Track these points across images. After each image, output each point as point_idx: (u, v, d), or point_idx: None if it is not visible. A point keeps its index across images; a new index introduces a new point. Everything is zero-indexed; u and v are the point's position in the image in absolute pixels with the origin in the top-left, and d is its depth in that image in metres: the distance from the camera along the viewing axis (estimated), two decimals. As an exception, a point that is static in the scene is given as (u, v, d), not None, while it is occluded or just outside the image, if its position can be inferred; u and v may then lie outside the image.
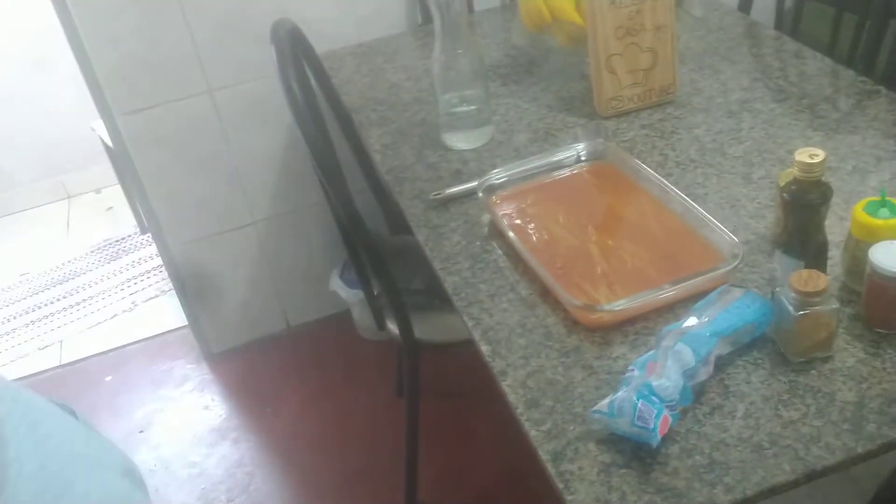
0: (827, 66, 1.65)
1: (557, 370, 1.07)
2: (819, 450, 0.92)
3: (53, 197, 3.52)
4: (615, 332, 1.11)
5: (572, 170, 1.44)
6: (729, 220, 1.27)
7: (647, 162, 1.40)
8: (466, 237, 1.33)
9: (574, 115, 1.62)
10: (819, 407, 0.97)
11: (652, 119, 1.57)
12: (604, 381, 1.04)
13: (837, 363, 1.02)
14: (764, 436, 0.94)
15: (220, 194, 2.26)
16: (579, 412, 1.00)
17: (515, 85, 1.75)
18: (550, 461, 0.95)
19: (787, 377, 1.01)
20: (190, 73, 2.06)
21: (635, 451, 0.94)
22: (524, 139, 1.56)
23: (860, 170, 1.34)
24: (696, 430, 0.96)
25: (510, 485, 2.00)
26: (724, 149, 1.45)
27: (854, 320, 1.07)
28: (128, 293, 2.89)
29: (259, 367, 2.49)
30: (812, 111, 1.51)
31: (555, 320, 1.15)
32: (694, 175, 1.39)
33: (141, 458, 2.26)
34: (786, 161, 1.38)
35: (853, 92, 1.56)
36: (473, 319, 1.18)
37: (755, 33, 1.83)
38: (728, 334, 1.02)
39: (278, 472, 2.17)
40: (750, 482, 0.90)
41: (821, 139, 1.43)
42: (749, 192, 1.33)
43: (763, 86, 1.62)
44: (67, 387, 2.56)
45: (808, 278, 0.99)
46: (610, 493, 0.91)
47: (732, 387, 1.01)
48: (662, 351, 0.98)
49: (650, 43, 1.55)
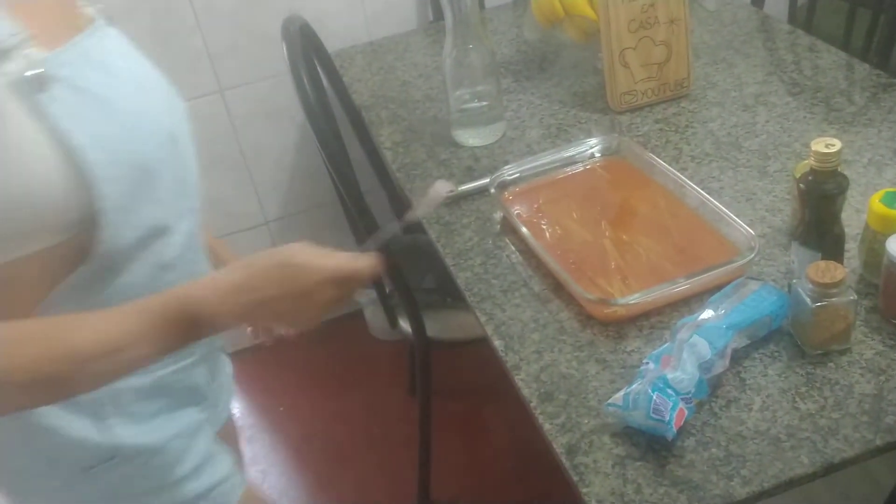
0: (841, 60, 1.64)
1: (571, 364, 1.06)
2: (837, 442, 0.91)
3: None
4: (630, 326, 1.10)
5: (585, 165, 1.43)
6: (745, 213, 1.26)
7: (661, 156, 1.39)
8: (479, 233, 1.33)
9: (587, 110, 1.61)
10: (837, 399, 0.96)
11: (666, 113, 1.56)
12: (618, 374, 1.03)
13: (855, 355, 1.01)
14: (781, 428, 0.93)
15: (232, 195, 2.26)
16: (594, 405, 0.99)
17: (527, 81, 1.75)
18: (565, 454, 0.94)
19: (804, 369, 1.00)
20: (201, 73, 2.06)
21: (650, 443, 0.93)
22: (536, 135, 1.56)
23: (876, 162, 1.33)
24: (712, 422, 0.95)
25: (523, 482, 1.99)
26: (739, 142, 1.43)
27: (872, 312, 1.06)
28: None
29: (272, 366, 2.48)
30: (827, 104, 1.50)
31: (568, 315, 1.14)
32: (709, 169, 1.38)
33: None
34: (801, 154, 1.37)
35: (868, 85, 1.55)
36: (486, 315, 1.17)
37: (769, 27, 1.82)
38: (744, 327, 1.01)
39: (291, 470, 2.16)
40: (767, 475, 0.88)
41: (836, 132, 1.42)
42: (765, 185, 1.32)
43: (778, 79, 1.60)
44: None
45: (825, 269, 0.97)
46: (625, 485, 0.90)
47: (749, 380, 1.00)
48: (678, 344, 0.97)
49: (664, 36, 1.54)
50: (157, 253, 0.89)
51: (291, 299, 0.82)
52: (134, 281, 0.87)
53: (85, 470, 0.92)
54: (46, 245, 0.79)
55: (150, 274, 0.88)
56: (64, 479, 0.92)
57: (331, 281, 0.83)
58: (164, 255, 0.90)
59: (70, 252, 0.81)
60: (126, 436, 0.92)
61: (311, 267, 0.83)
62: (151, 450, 0.95)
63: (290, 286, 0.82)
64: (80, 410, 0.89)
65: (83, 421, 0.89)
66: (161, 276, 0.90)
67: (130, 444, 0.93)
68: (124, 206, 0.82)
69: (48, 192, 0.76)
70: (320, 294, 0.83)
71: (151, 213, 0.87)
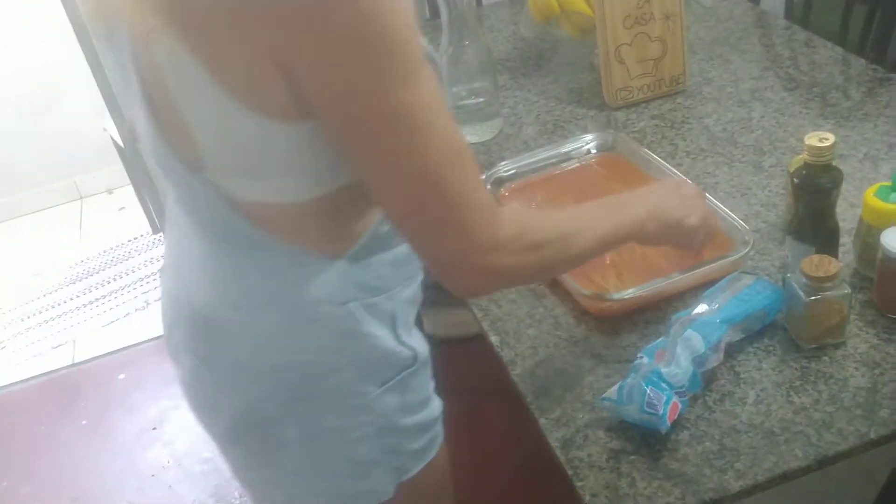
0: (838, 55, 1.64)
1: (566, 359, 1.06)
2: (831, 435, 0.91)
3: (66, 198, 3.54)
4: (624, 321, 1.10)
5: (582, 161, 1.43)
6: (739, 208, 1.26)
7: (657, 152, 1.39)
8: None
9: (583, 106, 1.61)
10: (831, 393, 0.96)
11: (662, 109, 1.56)
12: (613, 369, 1.03)
13: (850, 349, 1.01)
14: (775, 422, 0.93)
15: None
16: (588, 400, 1.00)
17: (524, 77, 1.75)
18: (560, 448, 0.95)
19: (798, 363, 1.00)
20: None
21: (645, 437, 0.94)
22: (533, 131, 1.56)
23: (871, 157, 1.33)
24: (706, 416, 0.95)
25: (527, 481, 1.99)
26: (734, 138, 1.44)
27: (867, 306, 1.06)
28: (140, 292, 2.90)
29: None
30: (823, 99, 1.50)
31: (563, 310, 1.14)
32: (704, 164, 1.38)
33: (154, 455, 2.27)
34: (797, 149, 1.37)
35: (864, 80, 1.55)
36: (482, 311, 1.17)
37: (765, 23, 1.82)
38: (738, 321, 1.01)
39: (290, 468, 2.17)
40: (761, 468, 0.89)
41: (832, 127, 1.42)
42: (760, 180, 1.32)
43: (773, 75, 1.61)
44: (81, 385, 2.58)
45: (819, 263, 0.98)
46: (619, 479, 0.90)
47: (743, 374, 1.00)
48: (672, 338, 0.97)
49: (659, 32, 1.54)
50: None
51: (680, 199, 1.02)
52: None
53: (381, 384, 0.93)
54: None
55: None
56: (366, 393, 0.92)
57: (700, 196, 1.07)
58: None
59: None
60: (414, 344, 0.96)
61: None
62: (426, 361, 0.99)
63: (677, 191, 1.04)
64: (382, 321, 0.92)
65: (385, 331, 0.92)
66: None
67: (420, 350, 0.96)
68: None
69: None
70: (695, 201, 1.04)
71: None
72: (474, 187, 0.78)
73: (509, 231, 0.81)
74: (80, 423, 2.44)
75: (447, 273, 0.82)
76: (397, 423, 0.96)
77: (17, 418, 2.52)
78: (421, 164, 0.75)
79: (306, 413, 0.92)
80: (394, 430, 0.96)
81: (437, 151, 0.75)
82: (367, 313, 0.90)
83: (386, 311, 0.92)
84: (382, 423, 0.95)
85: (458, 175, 0.76)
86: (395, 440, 0.96)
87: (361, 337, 0.90)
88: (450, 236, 0.78)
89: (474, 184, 0.78)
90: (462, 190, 0.77)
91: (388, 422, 0.95)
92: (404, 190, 0.77)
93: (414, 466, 1.00)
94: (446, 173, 0.76)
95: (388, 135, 0.73)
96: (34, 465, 2.34)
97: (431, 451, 1.02)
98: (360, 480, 0.97)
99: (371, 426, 0.94)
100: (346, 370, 0.91)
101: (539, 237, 0.85)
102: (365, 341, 0.90)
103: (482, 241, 0.79)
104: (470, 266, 0.80)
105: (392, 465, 0.97)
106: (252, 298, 0.89)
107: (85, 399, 2.52)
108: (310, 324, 0.88)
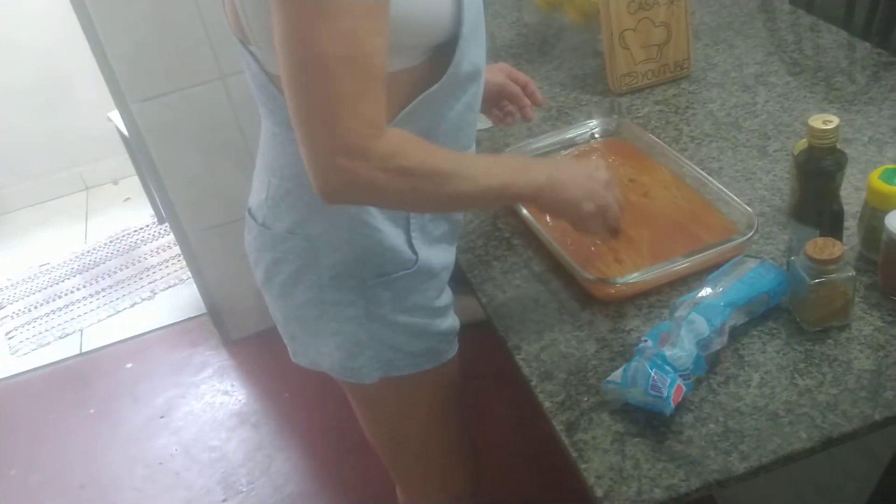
0: (842, 39, 1.63)
1: (571, 343, 1.07)
2: (836, 417, 0.91)
3: (72, 188, 3.55)
4: (629, 305, 1.11)
5: (586, 147, 1.43)
6: (744, 192, 1.26)
7: (661, 137, 1.39)
8: (479, 215, 1.33)
9: (587, 92, 1.61)
10: (836, 375, 0.96)
11: (666, 94, 1.56)
12: (617, 353, 1.04)
13: (854, 332, 1.01)
14: (780, 404, 0.94)
15: (236, 182, 2.26)
16: (593, 383, 1.00)
17: (528, 64, 1.74)
18: (564, 431, 0.95)
19: (802, 346, 1.00)
20: (202, 60, 2.06)
21: (649, 420, 0.94)
22: (537, 118, 1.55)
23: (876, 141, 1.33)
24: (710, 399, 0.96)
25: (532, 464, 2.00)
26: (739, 123, 1.43)
27: (871, 289, 1.06)
28: (147, 282, 2.91)
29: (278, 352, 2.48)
30: (828, 84, 1.50)
31: (568, 295, 1.15)
32: (709, 149, 1.38)
33: (162, 443, 2.28)
34: (801, 134, 1.37)
35: (869, 64, 1.54)
36: (487, 296, 1.17)
37: (770, 7, 1.81)
38: (742, 304, 1.01)
39: (298, 455, 2.18)
40: (766, 450, 0.89)
41: (837, 111, 1.41)
42: (764, 164, 1.32)
43: (778, 59, 1.60)
44: (88, 374, 2.59)
45: (823, 246, 0.98)
46: (624, 461, 0.90)
47: (747, 356, 1.00)
48: (676, 321, 0.98)
49: (664, 17, 1.54)
50: (470, 93, 1.00)
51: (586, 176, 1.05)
52: (452, 115, 0.98)
53: (380, 276, 1.04)
54: (407, 66, 0.91)
55: (462, 112, 1.00)
56: (363, 279, 1.04)
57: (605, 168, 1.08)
58: (474, 97, 1.02)
59: (416, 77, 0.93)
60: (421, 252, 1.05)
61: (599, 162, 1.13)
62: (431, 272, 1.07)
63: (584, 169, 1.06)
64: (397, 222, 1.02)
65: (397, 230, 1.02)
66: (465, 115, 1.01)
67: (424, 259, 1.05)
68: (471, 35, 0.93)
69: (438, 12, 0.89)
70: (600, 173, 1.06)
71: (477, 53, 0.98)
72: (363, 97, 0.81)
73: (384, 148, 0.84)
74: (88, 412, 2.46)
75: (311, 167, 0.84)
76: (386, 316, 1.06)
77: (26, 408, 2.54)
78: (311, 52, 0.78)
79: (314, 281, 1.05)
80: (383, 321, 1.07)
81: (333, 46, 0.78)
82: (380, 210, 1.00)
83: (401, 214, 1.01)
84: (373, 311, 1.06)
85: (348, 78, 0.79)
86: (386, 333, 1.08)
87: (369, 228, 1.00)
88: (322, 132, 0.82)
89: (365, 94, 0.81)
90: (348, 92, 0.80)
91: (378, 311, 1.06)
92: (293, 75, 0.81)
93: (404, 367, 1.12)
94: (337, 71, 0.79)
95: (288, 9, 0.78)
96: (43, 453, 2.35)
97: (428, 362, 1.13)
98: (350, 358, 1.10)
99: (363, 309, 1.05)
100: (346, 251, 1.02)
101: (411, 164, 0.87)
102: (371, 234, 1.01)
103: (351, 145, 0.82)
104: (333, 166, 0.83)
105: (383, 356, 1.09)
106: (285, 169, 1.01)
107: (93, 388, 2.54)
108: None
